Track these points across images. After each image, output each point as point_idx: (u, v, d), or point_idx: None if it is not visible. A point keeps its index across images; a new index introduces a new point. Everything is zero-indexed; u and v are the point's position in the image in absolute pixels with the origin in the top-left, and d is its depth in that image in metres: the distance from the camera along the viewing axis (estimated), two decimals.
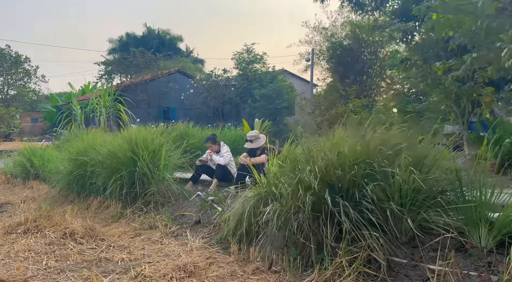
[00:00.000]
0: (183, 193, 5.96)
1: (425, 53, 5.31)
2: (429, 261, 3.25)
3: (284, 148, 4.64)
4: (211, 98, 22.35)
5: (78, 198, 6.86)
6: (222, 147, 6.39)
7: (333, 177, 3.59)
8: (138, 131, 6.49)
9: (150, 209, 5.80)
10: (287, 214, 3.69)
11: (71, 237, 4.84)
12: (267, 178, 4.39)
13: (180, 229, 5.16)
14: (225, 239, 4.50)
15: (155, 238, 4.90)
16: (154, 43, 43.09)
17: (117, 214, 5.90)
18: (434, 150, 3.47)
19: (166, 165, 6.08)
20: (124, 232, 5.17)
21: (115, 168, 6.09)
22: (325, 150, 3.70)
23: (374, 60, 21.46)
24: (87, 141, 7.09)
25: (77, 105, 14.61)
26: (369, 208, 3.31)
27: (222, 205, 5.35)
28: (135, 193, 5.98)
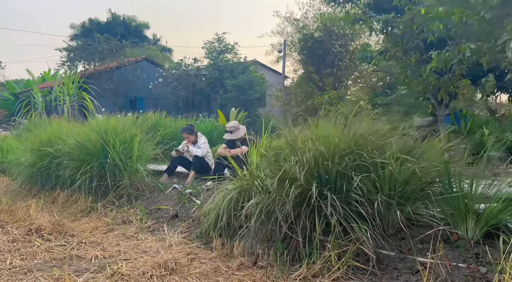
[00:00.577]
0: (158, 186, 5.71)
1: (405, 44, 5.30)
2: (417, 254, 3.22)
3: (263, 139, 4.50)
4: (181, 88, 21.83)
5: (42, 192, 6.45)
6: (199, 138, 6.16)
7: (321, 169, 3.48)
8: (108, 120, 6.14)
9: (123, 203, 5.52)
10: (272, 206, 3.57)
11: (37, 234, 4.50)
12: (249, 170, 4.23)
13: (156, 224, 4.93)
14: (206, 233, 4.32)
15: (129, 234, 4.65)
16: (119, 30, 41.62)
17: (87, 208, 5.58)
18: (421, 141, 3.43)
19: (139, 157, 5.80)
20: (95, 227, 4.87)
21: (84, 159, 5.75)
22: (312, 141, 3.58)
23: (344, 53, 21.66)
24: (51, 131, 6.66)
25: (38, 92, 13.82)
26: (358, 200, 3.23)
27: (200, 198, 5.15)
28: (106, 186, 5.66)
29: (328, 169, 3.43)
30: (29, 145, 6.71)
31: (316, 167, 3.49)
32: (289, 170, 3.55)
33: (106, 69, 23.06)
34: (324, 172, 3.48)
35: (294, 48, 22.66)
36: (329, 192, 3.28)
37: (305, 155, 3.48)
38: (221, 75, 22.17)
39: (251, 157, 4.32)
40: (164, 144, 6.53)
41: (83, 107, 15.25)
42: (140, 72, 24.24)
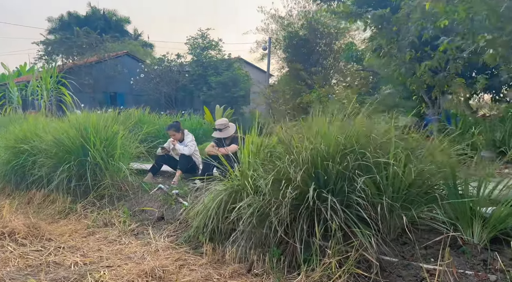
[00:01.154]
0: (142, 186, 5.40)
1: (400, 41, 5.16)
2: (421, 260, 3.06)
3: (252, 136, 4.24)
4: (163, 84, 21.34)
5: (17, 191, 6.07)
6: (186, 135, 5.87)
7: (319, 169, 3.28)
8: (88, 116, 5.79)
9: (104, 204, 5.20)
10: (265, 209, 3.35)
11: (10, 238, 4.16)
12: (241, 169, 4.00)
13: (140, 227, 4.64)
14: (194, 237, 4.07)
15: (112, 237, 4.35)
16: (99, 24, 40.56)
17: (65, 210, 5.24)
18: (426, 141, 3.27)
19: (122, 155, 5.48)
20: (74, 230, 4.55)
21: (62, 157, 5.40)
22: (309, 139, 3.38)
23: (329, 52, 21.60)
24: (27, 126, 6.26)
25: (13, 87, 13.20)
26: (361, 204, 3.04)
27: (188, 200, 4.88)
28: (86, 185, 5.33)
29: (328, 170, 3.23)
30: (3, 142, 6.28)
31: (314, 167, 3.29)
32: (284, 170, 3.35)
33: (86, 63, 22.35)
34: (323, 173, 3.28)
35: (279, 45, 22.48)
36: (330, 195, 3.07)
37: (302, 154, 3.27)
38: (205, 72, 21.80)
39: (242, 156, 4.08)
40: (148, 142, 6.23)
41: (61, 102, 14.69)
42: (121, 67, 23.59)
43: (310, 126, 3.68)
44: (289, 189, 3.12)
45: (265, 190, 3.27)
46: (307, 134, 3.56)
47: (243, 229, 3.43)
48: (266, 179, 3.38)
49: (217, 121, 5.61)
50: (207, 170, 5.35)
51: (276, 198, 3.20)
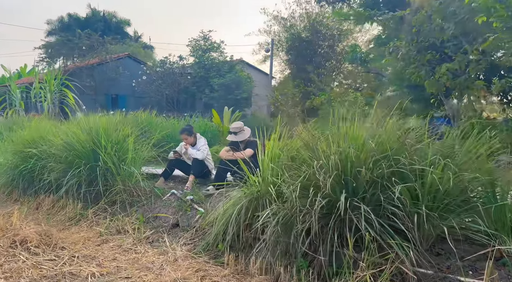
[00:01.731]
0: (154, 191, 5.26)
1: (419, 43, 5.04)
2: (458, 272, 2.92)
3: (272, 140, 4.09)
4: (165, 86, 21.19)
5: (25, 197, 5.91)
6: (198, 139, 5.73)
7: (348, 175, 3.14)
8: (99, 119, 5.66)
9: (116, 210, 5.05)
10: (292, 218, 3.21)
11: (22, 246, 4.00)
12: (263, 175, 3.86)
13: (155, 234, 4.49)
14: (213, 246, 3.92)
15: (127, 246, 4.20)
16: (99, 26, 40.35)
17: (75, 216, 5.09)
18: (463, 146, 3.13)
19: (133, 159, 5.33)
20: (87, 238, 4.40)
21: (72, 162, 5.25)
22: (338, 143, 3.24)
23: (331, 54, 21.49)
24: (36, 130, 6.11)
25: (16, 89, 13.04)
26: (396, 213, 2.90)
27: (203, 206, 4.74)
28: (96, 191, 5.18)
29: (358, 177, 3.10)
30: (11, 146, 6.13)
31: (343, 173, 3.14)
32: (311, 176, 3.20)
33: (87, 65, 22.20)
34: (352, 180, 3.14)
35: (281, 47, 22.38)
36: (362, 203, 2.93)
37: (331, 160, 3.12)
38: (207, 74, 21.68)
39: (263, 161, 3.93)
40: (159, 146, 6.08)
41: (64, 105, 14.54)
42: (123, 69, 23.46)
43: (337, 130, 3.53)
44: (318, 197, 2.98)
45: (292, 197, 3.12)
46: (334, 138, 3.42)
47: (268, 238, 3.28)
48: (292, 186, 3.23)
49: (232, 124, 5.47)
50: (221, 176, 5.20)
51: (303, 206, 3.06)
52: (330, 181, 2.93)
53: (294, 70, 21.38)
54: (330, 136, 3.50)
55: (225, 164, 5.23)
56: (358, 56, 16.36)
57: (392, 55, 5.50)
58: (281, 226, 3.22)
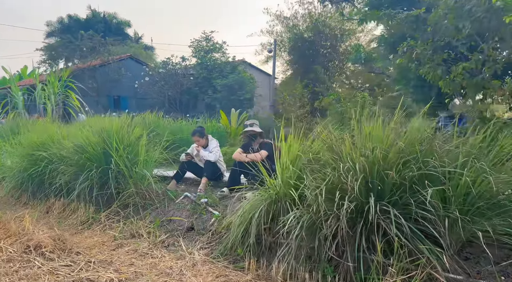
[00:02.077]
0: (167, 194, 5.18)
1: (435, 42, 4.97)
2: (490, 278, 2.85)
3: (290, 142, 4.01)
4: (168, 87, 21.13)
5: (34, 200, 5.84)
6: (210, 141, 5.66)
7: (375, 179, 3.07)
8: (110, 121, 5.59)
9: (129, 214, 4.97)
10: (317, 222, 3.13)
11: (36, 251, 3.92)
12: (281, 178, 3.79)
13: (170, 238, 4.42)
14: (231, 250, 3.85)
15: (142, 250, 4.13)
16: (100, 27, 40.20)
17: (88, 220, 5.02)
18: None
19: (145, 161, 5.26)
20: (102, 243, 4.33)
21: (84, 165, 5.18)
22: (363, 145, 3.17)
23: (334, 54, 21.45)
24: (44, 133, 6.04)
25: (18, 91, 12.96)
26: (426, 217, 2.83)
27: (218, 209, 4.67)
28: (109, 194, 5.11)
29: (385, 179, 3.02)
30: (20, 149, 6.05)
31: (370, 176, 3.08)
32: (337, 179, 3.13)
33: (89, 67, 22.14)
34: (378, 183, 3.07)
35: (284, 48, 22.34)
36: (391, 207, 2.86)
37: (358, 162, 3.05)
38: (210, 74, 21.63)
39: (282, 163, 3.86)
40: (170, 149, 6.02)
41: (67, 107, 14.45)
42: (125, 70, 23.41)
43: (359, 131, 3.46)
44: (345, 201, 2.91)
45: (319, 201, 3.04)
46: (357, 139, 3.35)
47: (291, 243, 3.21)
48: (316, 189, 3.16)
49: (246, 121, 5.42)
50: (235, 178, 5.14)
51: (330, 210, 2.99)
52: (357, 184, 2.85)
53: (297, 70, 21.35)
54: (351, 137, 3.43)
55: (239, 166, 5.17)
56: (362, 56, 16.29)
57: (405, 55, 5.43)
58: (305, 231, 3.15)
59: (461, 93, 5.38)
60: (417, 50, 5.14)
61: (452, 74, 5.11)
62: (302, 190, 3.47)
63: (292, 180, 3.60)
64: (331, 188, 3.12)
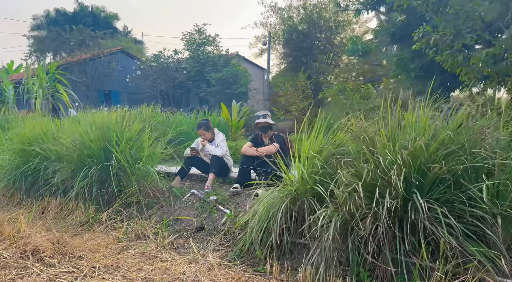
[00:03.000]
0: (172, 192, 4.86)
1: (457, 26, 4.69)
2: None
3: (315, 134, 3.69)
4: (160, 82, 20.63)
5: (28, 199, 5.45)
6: (216, 135, 5.32)
7: (415, 173, 2.78)
8: (109, 115, 5.23)
9: (132, 213, 4.64)
10: (352, 221, 2.83)
11: (34, 257, 3.58)
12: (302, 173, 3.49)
13: (179, 239, 4.10)
14: (248, 252, 3.55)
15: (150, 253, 3.80)
16: (88, 21, 39.36)
17: (88, 220, 4.67)
18: None
19: (149, 157, 4.92)
20: (105, 245, 3.98)
21: (83, 161, 4.82)
22: (403, 136, 2.88)
23: (329, 46, 21.18)
24: (37, 127, 5.65)
25: (9, 85, 12.42)
26: (474, 215, 2.56)
27: (229, 207, 4.36)
28: (109, 193, 4.77)
29: (428, 174, 2.74)
30: (11, 145, 5.65)
31: (413, 171, 2.78)
32: (374, 174, 2.82)
33: (79, 60, 21.50)
34: (419, 177, 2.78)
35: (278, 40, 21.98)
36: (438, 204, 2.58)
37: (400, 155, 2.74)
38: (203, 68, 21.17)
39: (302, 157, 3.56)
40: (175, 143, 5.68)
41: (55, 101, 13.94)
42: (115, 64, 22.80)
43: (390, 122, 3.16)
44: (385, 198, 2.62)
45: (355, 198, 2.74)
46: (393, 131, 3.05)
47: (321, 244, 2.92)
48: (349, 185, 2.86)
49: (258, 112, 5.08)
50: (246, 173, 4.82)
51: (367, 209, 2.70)
52: (401, 179, 2.56)
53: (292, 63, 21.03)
54: (390, 128, 3.12)
55: (249, 161, 4.87)
56: (359, 48, 16.06)
57: (422, 41, 5.15)
58: (338, 229, 2.86)
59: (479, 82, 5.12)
60: (435, 35, 4.86)
61: (472, 60, 4.84)
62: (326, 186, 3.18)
63: (317, 176, 3.29)
64: (368, 184, 2.83)
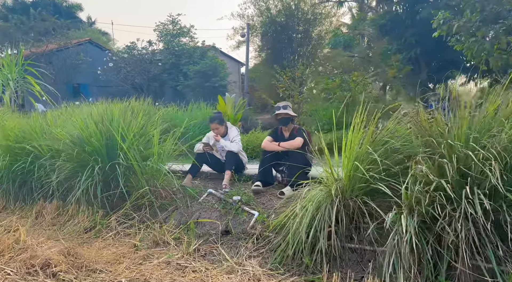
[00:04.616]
0: (187, 192, 4.42)
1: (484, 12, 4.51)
2: None
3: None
4: (134, 74, 19.74)
5: (18, 203, 4.85)
6: (229, 129, 4.91)
7: None
8: (110, 107, 4.71)
9: (144, 216, 4.18)
10: (430, 224, 2.54)
11: (45, 272, 3.07)
12: (348, 169, 3.18)
13: (204, 244, 3.69)
14: (293, 259, 3.20)
15: (177, 262, 3.38)
16: (48, 10, 37.39)
17: (94, 225, 4.16)
18: None
19: (160, 154, 4.45)
20: (122, 255, 3.51)
21: (85, 159, 4.30)
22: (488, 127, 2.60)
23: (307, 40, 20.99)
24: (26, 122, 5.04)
25: None
26: None
27: (256, 208, 3.99)
28: (118, 194, 4.27)
29: None
30: None
31: None
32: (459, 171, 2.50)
33: (45, 51, 20.20)
34: None
35: (256, 32, 21.56)
36: None
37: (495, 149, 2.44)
38: (179, 60, 20.45)
39: (348, 152, 3.23)
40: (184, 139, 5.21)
41: (24, 94, 12.93)
42: (84, 56, 21.64)
43: None
44: (476, 198, 2.34)
45: (434, 197, 2.44)
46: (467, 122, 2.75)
47: (392, 250, 2.62)
48: (427, 184, 2.55)
49: (278, 103, 4.68)
50: (268, 171, 4.47)
51: (453, 210, 2.41)
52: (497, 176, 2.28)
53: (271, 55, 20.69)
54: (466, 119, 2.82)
55: (270, 157, 4.51)
56: (342, 40, 15.95)
57: (442, 28, 4.95)
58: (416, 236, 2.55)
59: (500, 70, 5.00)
60: (458, 22, 4.67)
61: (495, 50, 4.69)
62: (385, 184, 2.89)
63: (376, 173, 2.97)
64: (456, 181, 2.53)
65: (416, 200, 2.55)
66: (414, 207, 2.56)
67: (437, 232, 2.49)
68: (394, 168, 2.92)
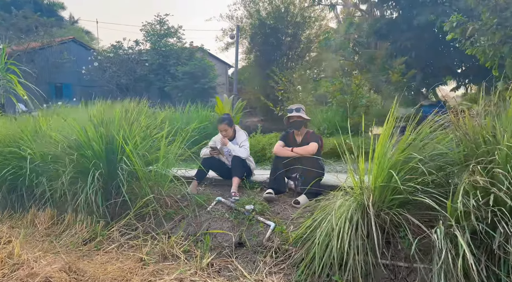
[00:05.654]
0: (194, 200, 4.12)
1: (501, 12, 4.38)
2: None
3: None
4: (121, 74, 19.23)
5: (5, 212, 4.46)
6: (237, 132, 4.63)
7: None
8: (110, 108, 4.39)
9: (149, 226, 3.86)
10: None
11: None
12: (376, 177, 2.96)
13: (218, 259, 3.41)
14: (320, 277, 2.94)
15: (191, 278, 3.09)
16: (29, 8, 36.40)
17: (93, 236, 3.82)
18: None
19: (165, 159, 4.14)
20: (129, 270, 3.20)
21: (84, 165, 3.97)
22: None
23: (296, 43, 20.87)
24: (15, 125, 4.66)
25: None
26: None
27: (272, 218, 3.73)
28: (118, 203, 3.94)
29: None
30: None
31: None
32: None
33: (27, 50, 19.47)
34: None
35: (245, 34, 21.32)
36: None
37: None
38: (166, 61, 20.06)
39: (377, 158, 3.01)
40: None
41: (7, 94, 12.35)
42: (68, 54, 20.98)
43: None
44: None
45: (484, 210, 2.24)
46: None
47: (436, 268, 2.40)
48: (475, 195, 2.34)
49: (291, 105, 4.42)
50: (280, 178, 4.21)
51: None
52: None
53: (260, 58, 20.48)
54: None
55: (282, 163, 4.25)
56: (332, 43, 15.85)
57: (456, 31, 4.82)
58: None
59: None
60: (473, 25, 4.54)
61: None
62: (427, 195, 2.68)
63: (413, 182, 2.75)
64: None
65: (466, 214, 2.34)
66: (463, 222, 2.34)
67: (490, 250, 2.28)
68: (439, 178, 2.71)
